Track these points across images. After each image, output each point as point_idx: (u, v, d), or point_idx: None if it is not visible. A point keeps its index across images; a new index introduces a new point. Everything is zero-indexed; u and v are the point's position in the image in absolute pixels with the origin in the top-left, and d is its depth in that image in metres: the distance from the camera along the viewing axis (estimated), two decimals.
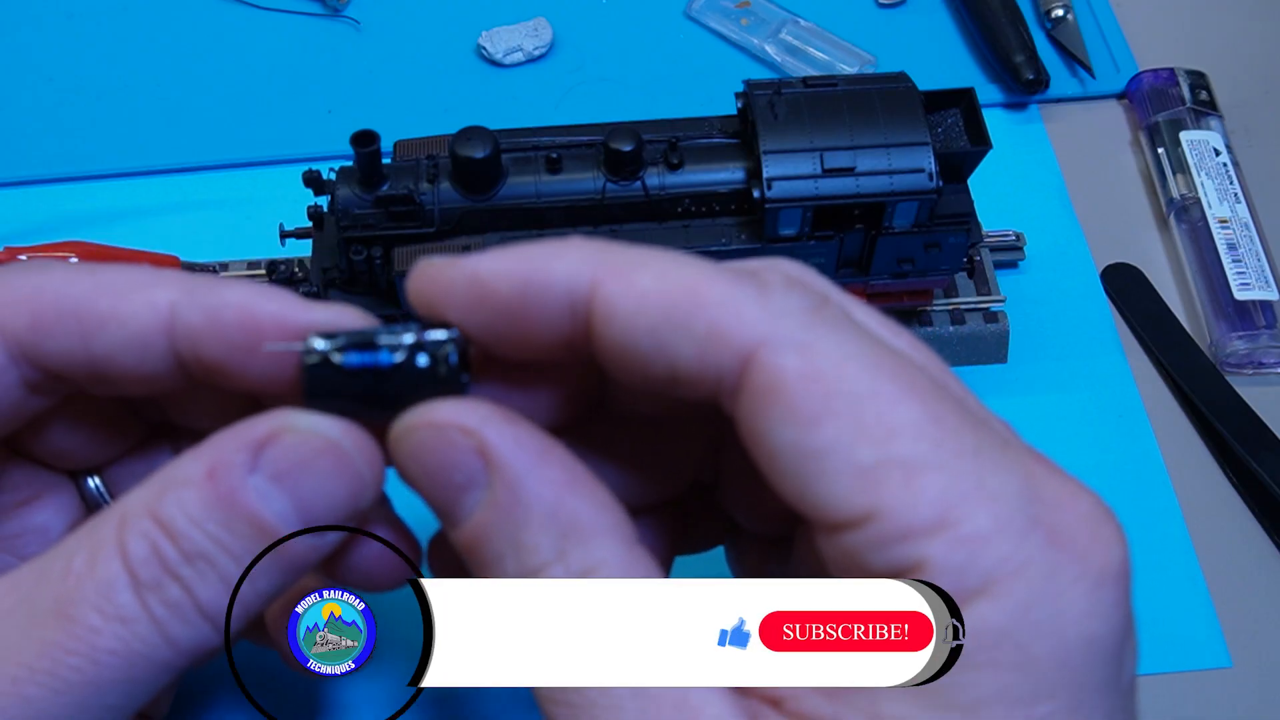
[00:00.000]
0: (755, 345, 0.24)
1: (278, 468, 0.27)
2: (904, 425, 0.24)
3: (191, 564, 0.27)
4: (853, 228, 0.45)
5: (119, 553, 0.26)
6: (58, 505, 0.34)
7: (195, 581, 0.27)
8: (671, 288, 0.25)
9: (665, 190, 0.45)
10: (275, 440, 0.27)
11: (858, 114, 0.44)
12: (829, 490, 0.24)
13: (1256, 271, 0.53)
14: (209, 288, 0.29)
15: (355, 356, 0.27)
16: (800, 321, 0.25)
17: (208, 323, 0.29)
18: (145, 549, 0.26)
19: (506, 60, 0.63)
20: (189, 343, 0.29)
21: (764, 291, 0.25)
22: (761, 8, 0.64)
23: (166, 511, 0.27)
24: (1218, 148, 0.57)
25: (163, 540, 0.26)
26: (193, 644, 0.27)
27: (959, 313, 0.51)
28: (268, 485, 0.27)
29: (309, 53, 0.64)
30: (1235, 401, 0.50)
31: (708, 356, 0.25)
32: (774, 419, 0.24)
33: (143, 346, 0.29)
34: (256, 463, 0.27)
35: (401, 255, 0.45)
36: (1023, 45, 0.61)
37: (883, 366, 0.24)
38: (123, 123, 0.60)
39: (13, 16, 0.65)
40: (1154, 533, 0.47)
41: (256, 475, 0.27)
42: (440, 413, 0.27)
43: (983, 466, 0.24)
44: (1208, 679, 0.44)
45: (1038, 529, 0.24)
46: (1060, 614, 0.23)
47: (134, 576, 0.26)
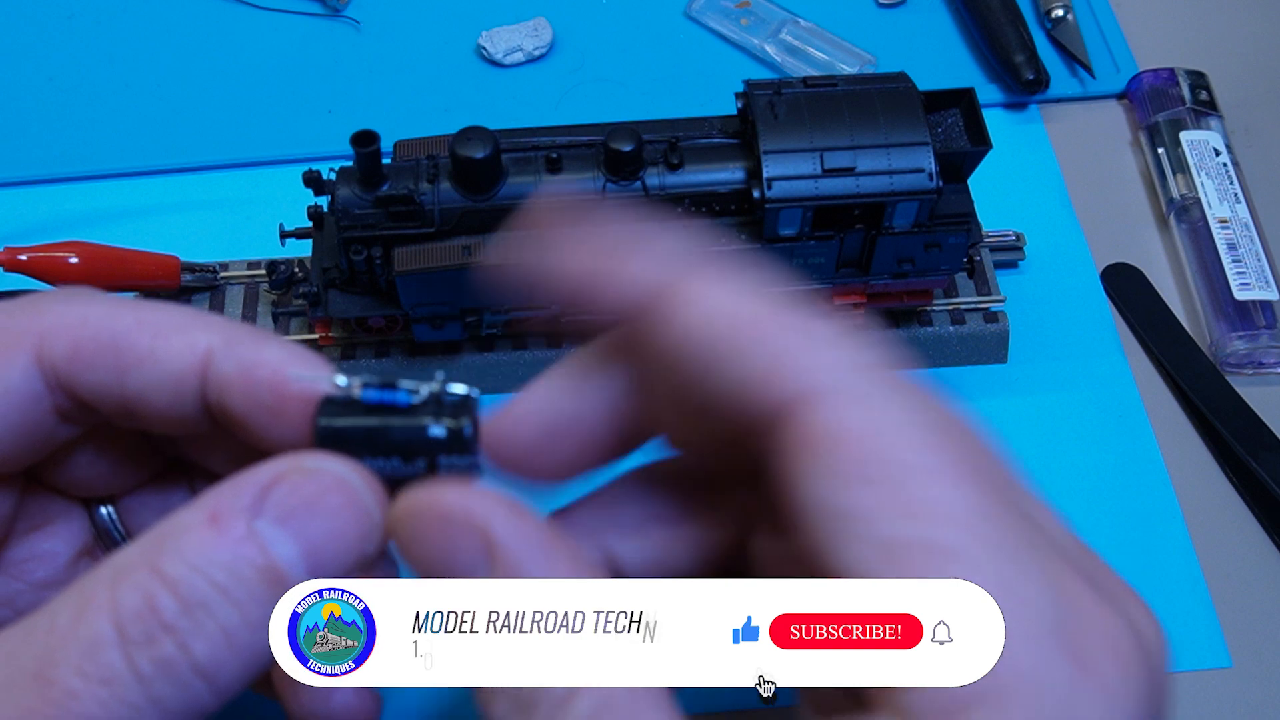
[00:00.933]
0: (808, 390, 0.24)
1: (284, 508, 0.26)
2: (944, 508, 0.23)
3: (189, 615, 0.25)
4: (853, 228, 0.45)
5: (108, 607, 0.25)
6: (68, 532, 0.34)
7: (191, 634, 0.25)
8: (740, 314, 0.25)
9: (665, 190, 0.45)
10: (282, 481, 0.26)
11: (858, 114, 0.44)
12: (850, 555, 0.23)
13: (1256, 271, 0.53)
14: (248, 340, 0.29)
15: (374, 393, 0.27)
16: (862, 376, 0.24)
17: (240, 376, 0.29)
18: (138, 601, 0.25)
19: (506, 60, 0.63)
20: (218, 392, 0.29)
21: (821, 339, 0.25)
22: (761, 8, 0.64)
23: (165, 560, 0.25)
24: (1218, 148, 0.57)
25: (159, 591, 0.25)
26: (183, 706, 0.25)
27: (959, 313, 0.51)
28: (274, 528, 0.26)
29: (309, 53, 0.64)
30: (1235, 401, 0.50)
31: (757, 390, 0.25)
32: (813, 470, 0.24)
33: (176, 388, 0.29)
34: (262, 506, 0.26)
35: (401, 255, 0.45)
36: (1023, 45, 0.61)
37: (937, 440, 0.24)
38: (123, 123, 0.61)
39: (14, 17, 0.65)
40: (1154, 533, 0.47)
41: (262, 519, 0.26)
42: (447, 501, 0.26)
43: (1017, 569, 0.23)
44: (1208, 679, 0.44)
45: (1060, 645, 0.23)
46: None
47: (122, 633, 0.25)
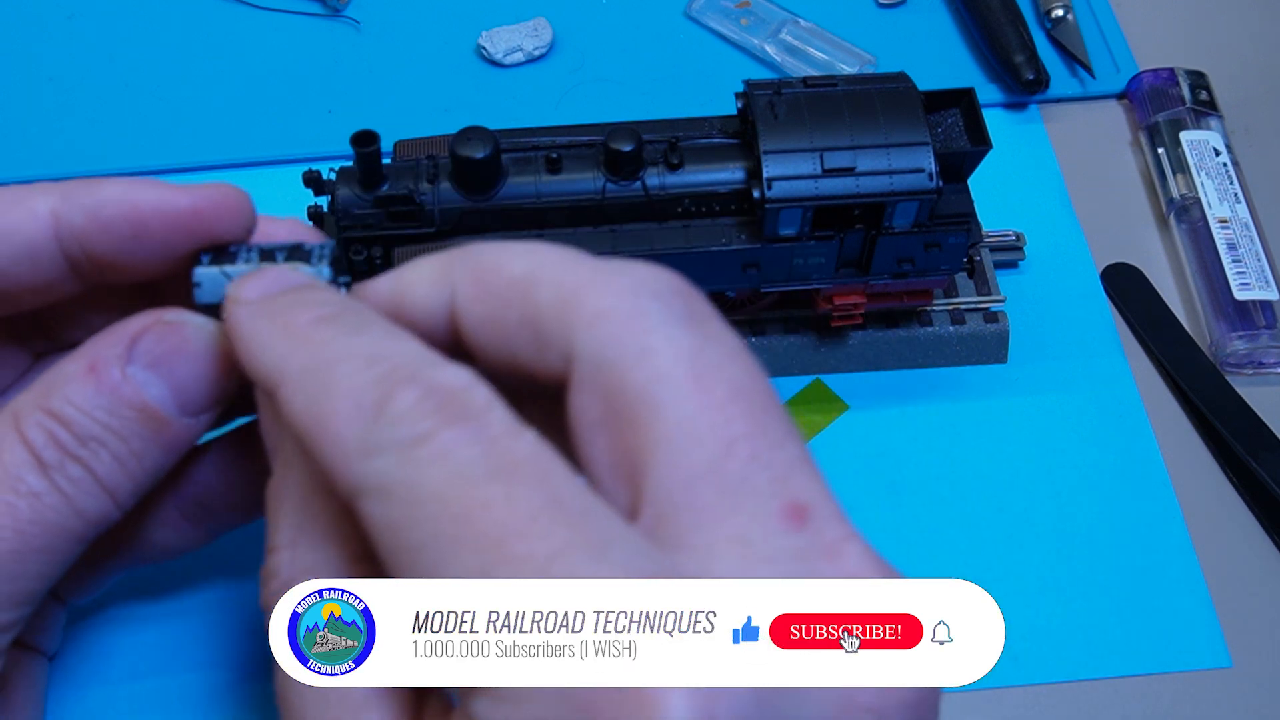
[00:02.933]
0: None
1: (152, 355, 0.30)
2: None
3: (86, 446, 0.30)
4: (853, 228, 0.45)
5: (20, 441, 0.30)
6: None
7: (92, 460, 0.30)
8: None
9: (665, 190, 0.45)
10: (148, 332, 0.31)
11: (858, 114, 0.44)
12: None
13: (1256, 271, 0.53)
14: (85, 188, 0.32)
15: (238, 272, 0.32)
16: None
17: (90, 221, 0.32)
18: (42, 436, 0.30)
19: (506, 60, 0.63)
20: (76, 243, 0.32)
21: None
22: (761, 8, 0.64)
23: (56, 404, 0.30)
24: (1218, 148, 0.57)
25: (57, 428, 0.30)
26: (98, 513, 0.31)
27: (959, 313, 0.51)
28: (145, 373, 0.30)
29: (309, 53, 0.64)
30: (1235, 401, 0.50)
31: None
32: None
33: (32, 256, 0.32)
34: (132, 354, 0.30)
35: (401, 255, 0.45)
36: (1023, 45, 0.61)
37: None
38: (123, 123, 0.60)
39: (14, 17, 0.65)
40: (1154, 533, 0.47)
41: (133, 365, 0.30)
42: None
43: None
44: (1208, 679, 0.44)
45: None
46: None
47: (38, 459, 0.30)
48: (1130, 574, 0.46)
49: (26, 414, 0.30)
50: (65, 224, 0.32)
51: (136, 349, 0.30)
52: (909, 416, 0.50)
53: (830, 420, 0.50)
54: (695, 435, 0.24)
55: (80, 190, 0.32)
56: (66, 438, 0.30)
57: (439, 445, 0.24)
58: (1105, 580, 0.46)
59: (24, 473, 0.30)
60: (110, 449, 0.30)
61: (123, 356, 0.30)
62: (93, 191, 0.32)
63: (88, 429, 0.30)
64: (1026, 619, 0.45)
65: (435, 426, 0.24)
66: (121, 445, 0.30)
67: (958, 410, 0.51)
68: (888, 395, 0.51)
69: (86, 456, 0.30)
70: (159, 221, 0.32)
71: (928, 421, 0.50)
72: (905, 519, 0.47)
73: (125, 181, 0.32)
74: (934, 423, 0.50)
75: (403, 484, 0.24)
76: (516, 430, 0.25)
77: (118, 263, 0.32)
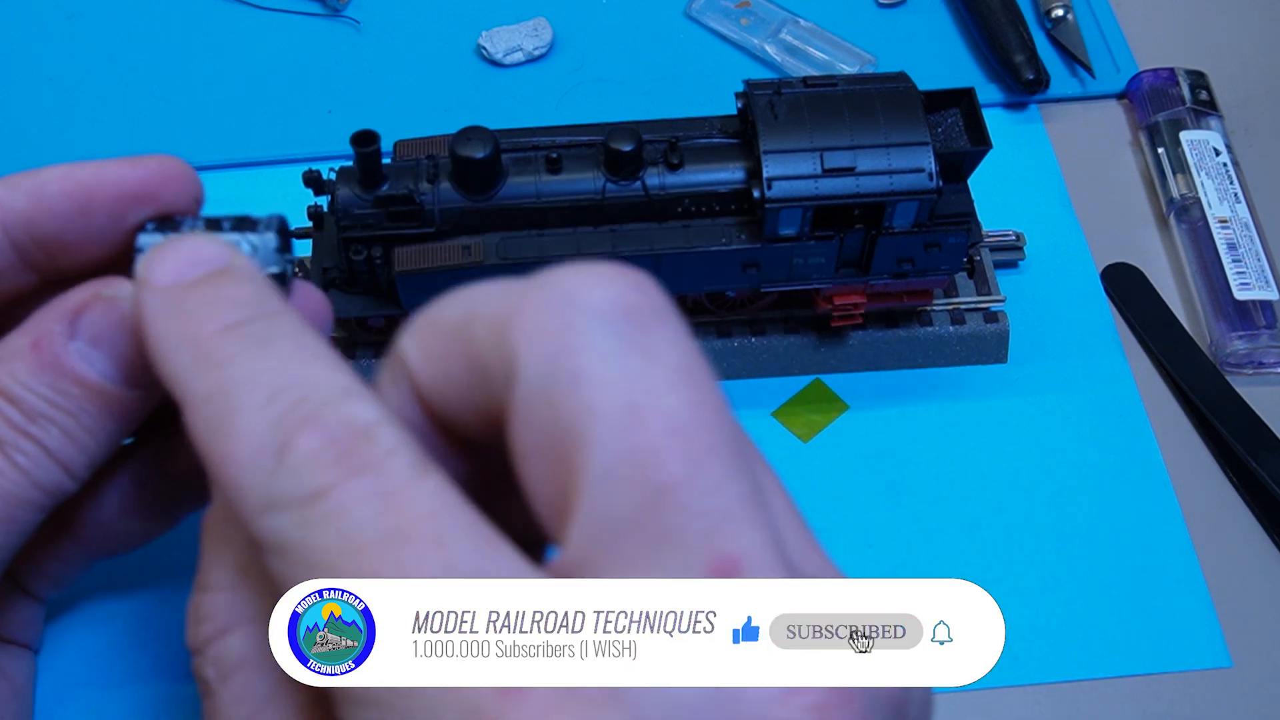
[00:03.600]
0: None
1: (94, 330, 0.30)
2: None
3: (35, 422, 0.30)
4: (853, 228, 0.45)
5: None
6: None
7: (42, 435, 0.30)
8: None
9: (665, 190, 0.45)
10: (89, 308, 0.30)
11: (858, 114, 0.44)
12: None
13: (1256, 271, 0.53)
14: (26, 174, 0.32)
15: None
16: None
17: (33, 203, 0.32)
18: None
19: (506, 60, 0.63)
20: (21, 229, 0.32)
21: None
22: (761, 8, 0.64)
23: (3, 382, 0.30)
24: (1218, 148, 0.57)
25: (5, 405, 0.30)
26: (54, 485, 0.31)
27: (959, 313, 0.51)
28: (87, 349, 0.30)
29: (309, 53, 0.64)
30: (1235, 401, 0.50)
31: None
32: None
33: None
34: (74, 330, 0.30)
35: (401, 255, 0.45)
36: (1023, 45, 0.61)
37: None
38: (123, 123, 0.61)
39: (14, 16, 0.65)
40: (1154, 533, 0.47)
41: (76, 340, 0.30)
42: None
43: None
44: (1208, 679, 0.44)
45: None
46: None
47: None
48: (1130, 574, 0.46)
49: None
50: (8, 209, 0.32)
51: (79, 324, 0.30)
52: (909, 416, 0.50)
53: (830, 420, 0.50)
54: (623, 481, 0.23)
55: (20, 176, 0.32)
56: (15, 415, 0.30)
57: (335, 503, 0.23)
58: (1105, 580, 0.46)
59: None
60: (60, 424, 0.30)
61: (65, 332, 0.30)
62: (33, 174, 0.32)
63: (35, 406, 0.30)
64: (1026, 619, 0.45)
65: (334, 480, 0.23)
66: (70, 420, 0.30)
67: (958, 410, 0.51)
68: (888, 395, 0.51)
69: (37, 433, 0.30)
70: (103, 193, 0.32)
71: (928, 421, 0.50)
72: (905, 519, 0.47)
73: (65, 165, 0.32)
74: (934, 423, 0.50)
75: (298, 545, 0.23)
76: (418, 477, 0.24)
77: (65, 241, 0.32)
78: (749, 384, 0.51)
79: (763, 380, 0.51)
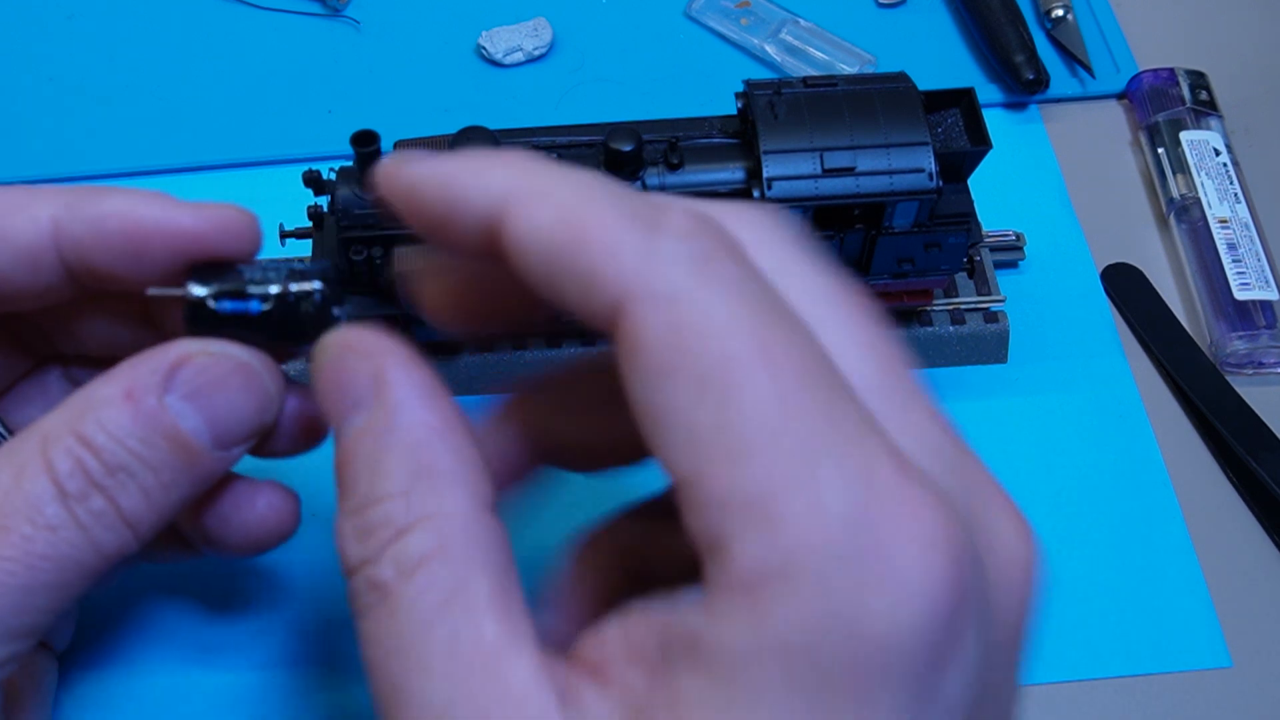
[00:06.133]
0: (626, 294, 0.24)
1: (191, 387, 0.30)
2: (751, 398, 0.23)
3: (113, 476, 0.29)
4: (853, 228, 0.45)
5: (44, 469, 0.29)
6: None
7: (117, 491, 0.29)
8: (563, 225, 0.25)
9: (665, 190, 0.45)
10: (188, 362, 0.30)
11: (858, 114, 0.44)
12: (665, 448, 0.23)
13: (1256, 271, 0.53)
14: (89, 198, 0.31)
15: (228, 304, 0.31)
16: (680, 272, 0.24)
17: (91, 233, 0.31)
18: (69, 464, 0.29)
19: (506, 60, 0.63)
20: (75, 254, 0.31)
21: (652, 236, 0.24)
22: (761, 8, 0.64)
23: (88, 429, 0.29)
24: (1218, 148, 0.57)
25: (86, 455, 0.29)
26: (116, 548, 0.30)
27: (959, 313, 0.51)
28: (182, 404, 0.30)
29: (309, 53, 0.64)
30: (1235, 401, 0.50)
31: (589, 299, 0.24)
32: (633, 370, 0.24)
33: (32, 262, 0.31)
34: (171, 383, 0.30)
35: (401, 255, 0.45)
36: (1023, 45, 0.61)
37: (755, 331, 0.23)
38: (123, 123, 0.60)
39: (13, 17, 0.65)
40: (1154, 533, 0.47)
41: (171, 395, 0.30)
42: (351, 336, 0.29)
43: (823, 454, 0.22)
44: (1208, 679, 0.44)
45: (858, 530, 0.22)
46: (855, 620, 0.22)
47: (60, 489, 0.29)
48: (1130, 574, 0.46)
49: (56, 438, 0.29)
50: (66, 233, 0.31)
51: (176, 378, 0.30)
52: None
53: None
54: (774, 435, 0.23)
55: (84, 200, 0.31)
56: (95, 466, 0.29)
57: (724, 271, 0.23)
58: (1105, 580, 0.46)
59: (44, 504, 0.29)
60: (139, 480, 0.29)
61: (161, 385, 0.29)
62: (96, 203, 0.31)
63: (118, 458, 0.29)
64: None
65: (716, 249, 0.24)
66: (151, 476, 0.30)
67: (958, 410, 0.50)
68: None
69: (112, 487, 0.29)
70: (161, 239, 0.31)
71: None
72: None
73: (130, 194, 0.31)
74: None
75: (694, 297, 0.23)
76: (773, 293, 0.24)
77: (115, 275, 0.32)
78: None
79: None
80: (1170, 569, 0.46)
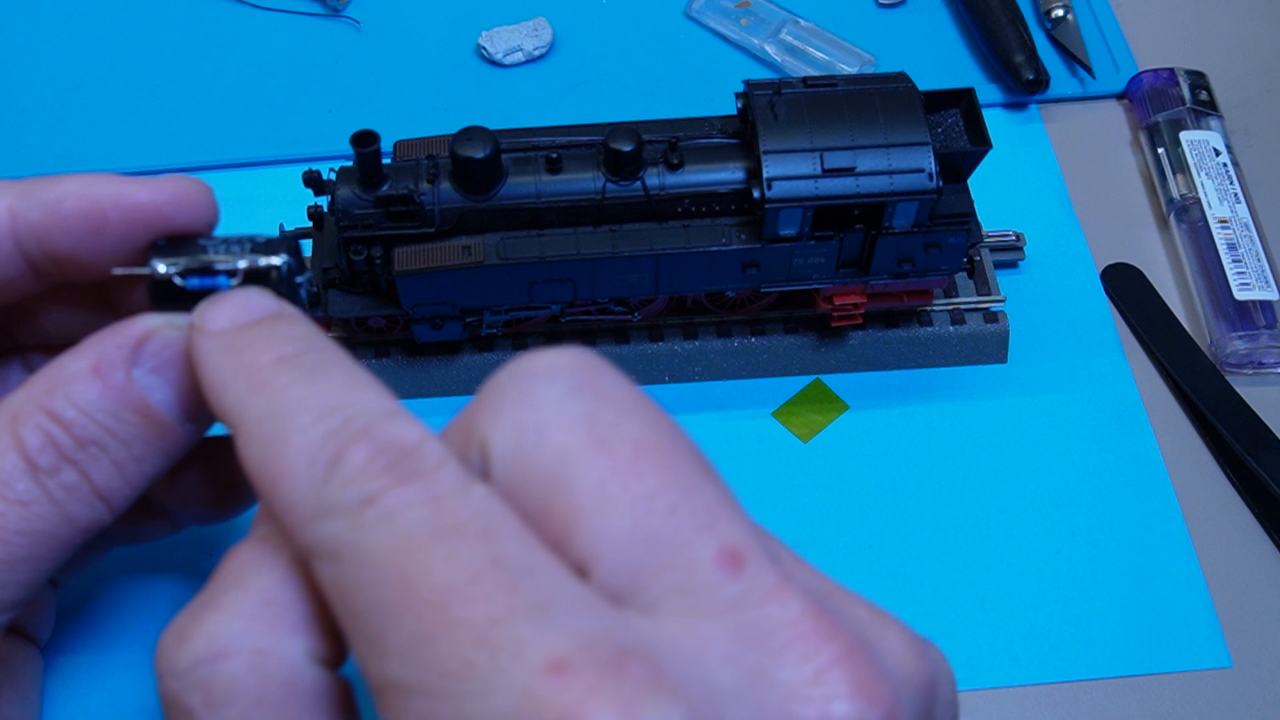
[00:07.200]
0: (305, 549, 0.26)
1: (159, 360, 0.30)
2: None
3: (84, 450, 0.29)
4: (853, 228, 0.45)
5: (14, 444, 0.29)
6: None
7: (89, 465, 0.30)
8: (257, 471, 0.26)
9: (665, 190, 0.45)
10: (154, 335, 0.30)
11: (858, 114, 0.44)
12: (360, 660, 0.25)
13: (1256, 271, 0.53)
14: (43, 185, 0.32)
15: (196, 280, 0.31)
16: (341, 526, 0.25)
17: (48, 217, 0.31)
18: (40, 439, 0.29)
19: (506, 60, 0.63)
20: (34, 242, 0.32)
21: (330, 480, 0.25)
22: (761, 8, 0.65)
23: (57, 405, 0.29)
24: (1218, 148, 0.57)
25: (56, 430, 0.29)
26: (89, 521, 0.30)
27: (959, 313, 0.51)
28: (150, 377, 0.30)
29: (309, 53, 0.64)
30: (1235, 401, 0.50)
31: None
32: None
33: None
34: (138, 357, 0.30)
35: (401, 255, 0.45)
36: (1023, 45, 0.61)
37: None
38: (123, 123, 0.61)
39: (13, 16, 0.65)
40: (1154, 533, 0.47)
41: (139, 368, 0.30)
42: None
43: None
44: (1208, 679, 0.44)
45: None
46: None
47: (31, 464, 0.29)
48: (1130, 574, 0.46)
49: (25, 415, 0.29)
50: (22, 221, 0.31)
51: (142, 351, 0.30)
52: (909, 416, 0.50)
53: (830, 420, 0.50)
54: (610, 499, 0.24)
55: (38, 187, 0.32)
56: (65, 440, 0.29)
57: (386, 506, 0.24)
58: (1105, 580, 0.46)
59: (14, 479, 0.29)
60: (110, 453, 0.30)
61: (129, 359, 0.30)
62: (51, 187, 0.32)
63: (89, 432, 0.29)
64: (1026, 619, 0.45)
65: (384, 486, 0.24)
66: (122, 449, 0.30)
67: (958, 410, 0.51)
68: (888, 395, 0.51)
69: (83, 460, 0.30)
70: (118, 215, 0.31)
71: (928, 421, 0.50)
72: (905, 519, 0.47)
73: (83, 176, 0.32)
74: (934, 423, 0.50)
75: (351, 547, 0.24)
76: (465, 487, 0.24)
77: (76, 258, 0.32)
78: (749, 384, 0.51)
79: (763, 380, 0.51)
80: (1170, 569, 0.46)
